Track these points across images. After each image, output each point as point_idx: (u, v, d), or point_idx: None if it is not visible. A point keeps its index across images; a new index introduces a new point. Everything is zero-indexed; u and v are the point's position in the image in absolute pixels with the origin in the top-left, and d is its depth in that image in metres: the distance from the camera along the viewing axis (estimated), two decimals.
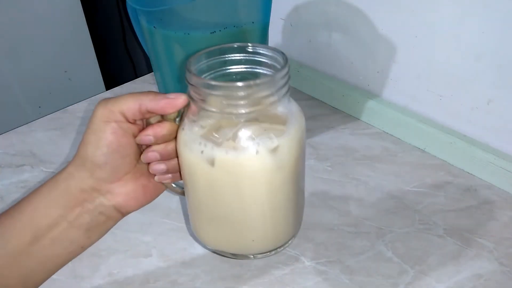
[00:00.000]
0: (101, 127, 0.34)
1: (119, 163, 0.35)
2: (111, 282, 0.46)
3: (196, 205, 0.38)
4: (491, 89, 0.55)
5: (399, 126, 0.65)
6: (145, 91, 0.35)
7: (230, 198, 0.35)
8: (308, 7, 0.70)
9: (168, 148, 0.36)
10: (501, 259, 0.48)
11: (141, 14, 0.50)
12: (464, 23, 0.54)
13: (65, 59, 1.08)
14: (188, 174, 0.36)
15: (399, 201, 0.55)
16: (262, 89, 0.31)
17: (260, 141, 0.33)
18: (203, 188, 0.36)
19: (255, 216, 0.36)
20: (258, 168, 0.33)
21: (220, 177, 0.34)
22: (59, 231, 0.35)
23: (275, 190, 0.35)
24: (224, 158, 0.32)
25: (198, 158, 0.33)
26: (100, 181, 0.35)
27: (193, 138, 0.33)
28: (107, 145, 0.34)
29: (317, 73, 0.74)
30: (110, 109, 0.34)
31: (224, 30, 0.48)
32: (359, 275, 0.46)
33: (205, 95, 0.32)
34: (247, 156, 0.32)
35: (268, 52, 0.34)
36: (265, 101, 0.31)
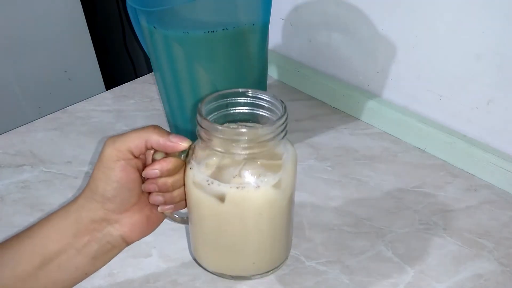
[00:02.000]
0: (110, 165, 0.37)
1: (127, 196, 0.38)
2: (111, 282, 0.46)
3: (200, 234, 0.41)
4: (491, 89, 0.55)
5: (399, 126, 0.65)
6: (150, 127, 0.37)
7: (235, 229, 0.39)
8: (308, 7, 0.70)
9: (167, 182, 0.38)
10: (501, 259, 0.48)
11: (141, 14, 0.50)
12: (464, 23, 0.54)
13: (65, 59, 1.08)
14: (196, 208, 0.39)
15: (399, 201, 0.55)
16: (264, 134, 0.35)
17: (264, 177, 0.37)
18: (209, 221, 0.39)
19: (257, 243, 0.40)
20: (263, 201, 0.37)
21: (228, 211, 0.37)
22: (67, 258, 0.38)
23: (275, 219, 0.40)
24: (233, 193, 0.36)
25: (208, 195, 0.37)
26: (110, 212, 0.38)
27: (202, 176, 0.37)
28: (117, 181, 0.37)
29: (317, 73, 0.74)
30: (118, 149, 0.37)
31: (224, 30, 0.48)
32: (359, 275, 0.46)
33: (213, 137, 0.35)
34: (254, 191, 0.36)
35: (268, 98, 0.38)
36: (266, 144, 0.36)
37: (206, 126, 0.35)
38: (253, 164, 0.37)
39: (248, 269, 0.42)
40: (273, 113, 0.38)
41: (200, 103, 0.37)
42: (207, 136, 0.36)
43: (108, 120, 0.71)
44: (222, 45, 0.50)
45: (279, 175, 0.37)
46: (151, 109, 0.73)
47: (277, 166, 0.38)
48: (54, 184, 0.59)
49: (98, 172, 0.37)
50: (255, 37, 0.51)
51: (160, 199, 0.39)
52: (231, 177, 0.37)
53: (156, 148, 0.37)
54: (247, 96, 0.39)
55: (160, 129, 0.37)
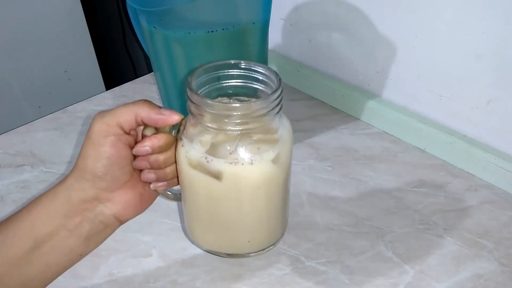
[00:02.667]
0: (100, 141, 0.35)
1: (118, 173, 0.37)
2: (111, 282, 0.46)
3: (194, 211, 0.40)
4: (491, 89, 0.55)
5: (399, 126, 0.65)
6: (140, 101, 0.36)
7: (231, 206, 0.38)
8: (308, 7, 0.70)
9: (159, 159, 0.37)
10: (501, 259, 0.48)
11: (141, 14, 0.50)
12: (464, 23, 0.54)
13: (65, 59, 1.08)
14: (189, 186, 0.38)
15: (399, 201, 0.55)
16: (259, 109, 0.33)
17: (262, 153, 0.35)
18: (204, 199, 0.38)
19: (252, 220, 0.39)
20: (262, 177, 0.36)
21: (225, 189, 0.36)
22: (59, 239, 0.36)
23: (273, 194, 0.38)
24: (231, 170, 0.35)
25: (203, 173, 0.35)
26: (101, 190, 0.37)
27: (196, 154, 0.35)
28: (107, 157, 0.35)
29: (317, 73, 0.74)
30: (107, 123, 0.35)
31: (224, 30, 0.48)
32: (359, 275, 0.46)
33: (205, 112, 0.34)
34: (251, 167, 0.35)
35: (262, 69, 0.37)
36: (261, 119, 0.34)
37: (197, 101, 0.34)
38: (248, 140, 0.35)
39: (243, 247, 0.41)
40: (267, 86, 0.36)
41: (190, 76, 0.35)
42: (198, 111, 0.34)
43: None
44: (222, 45, 0.50)
45: (276, 149, 0.36)
46: None
47: (273, 141, 0.36)
48: (54, 184, 0.59)
49: (87, 149, 0.36)
50: (255, 36, 0.51)
51: (152, 176, 0.38)
52: (227, 153, 0.35)
53: (147, 122, 0.36)
54: (240, 68, 0.37)
55: (150, 103, 0.36)
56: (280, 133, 0.37)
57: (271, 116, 0.35)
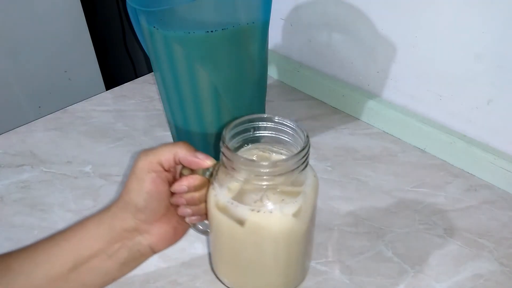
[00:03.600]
0: (143, 176, 0.39)
1: (156, 207, 0.40)
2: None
3: (219, 251, 0.43)
4: (491, 89, 0.55)
5: (399, 126, 0.65)
6: (180, 143, 0.40)
7: (251, 252, 0.40)
8: (308, 7, 0.70)
9: (194, 196, 0.40)
10: (501, 259, 0.48)
11: (141, 14, 0.50)
12: (464, 23, 0.54)
13: (65, 59, 1.08)
14: (216, 227, 0.40)
15: (399, 201, 0.55)
16: (284, 167, 0.36)
17: (284, 205, 0.37)
18: (227, 240, 0.40)
19: (272, 268, 0.41)
20: (281, 229, 0.38)
21: (246, 235, 0.38)
22: (98, 262, 0.39)
23: (291, 246, 0.40)
24: (253, 218, 0.37)
25: (228, 217, 0.38)
26: (140, 222, 0.40)
27: (223, 198, 0.38)
28: (148, 192, 0.39)
29: (317, 73, 0.74)
30: (150, 161, 0.38)
31: (224, 30, 0.48)
32: (359, 275, 0.46)
33: (234, 165, 0.36)
34: (272, 218, 0.37)
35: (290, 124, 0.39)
36: (287, 175, 0.36)
37: (228, 156, 0.36)
38: (273, 191, 0.38)
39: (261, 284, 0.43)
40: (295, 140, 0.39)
41: (225, 128, 0.38)
42: (229, 164, 0.37)
43: (108, 120, 0.71)
44: (222, 45, 0.50)
45: (298, 203, 0.38)
46: (151, 109, 0.73)
47: (297, 193, 0.38)
48: (54, 184, 0.59)
49: (132, 183, 0.39)
50: (255, 36, 0.51)
51: (188, 212, 0.41)
52: (252, 202, 0.37)
53: (183, 162, 0.39)
54: (273, 121, 0.40)
55: (189, 146, 0.39)
56: (305, 186, 0.39)
57: (297, 172, 0.37)
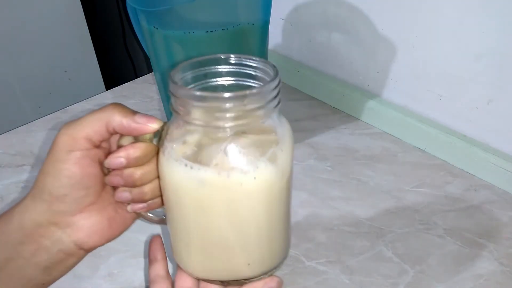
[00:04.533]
0: (62, 156, 0.30)
1: (81, 195, 0.31)
2: (111, 282, 0.46)
3: (183, 233, 0.34)
4: (491, 89, 0.55)
5: (399, 126, 0.65)
6: (109, 106, 0.31)
7: (224, 222, 0.32)
8: (308, 7, 0.70)
9: (135, 173, 0.31)
10: (501, 259, 0.48)
11: (141, 14, 0.50)
12: (464, 23, 0.54)
13: (65, 59, 1.08)
14: (174, 202, 0.32)
15: (399, 201, 0.55)
16: (254, 99, 0.28)
17: (256, 154, 0.29)
18: (193, 215, 0.32)
19: (252, 237, 0.33)
20: (259, 184, 0.30)
21: (214, 200, 0.31)
22: (16, 268, 0.32)
23: (273, 205, 0.33)
24: (217, 178, 0.29)
25: (189, 183, 0.30)
26: (58, 214, 0.31)
27: (178, 160, 0.30)
28: (69, 176, 0.30)
29: (317, 73, 0.74)
30: (73, 136, 0.30)
31: (224, 30, 0.48)
32: (359, 275, 0.46)
33: (190, 107, 0.29)
34: (244, 172, 0.29)
35: (257, 64, 0.32)
36: (254, 114, 0.29)
37: (182, 94, 0.29)
38: (241, 140, 0.30)
39: (242, 272, 0.35)
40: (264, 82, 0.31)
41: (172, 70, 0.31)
42: (183, 107, 0.29)
43: None
44: (222, 45, 0.50)
45: (274, 150, 0.30)
46: (151, 109, 0.73)
47: (270, 142, 0.31)
48: None
49: (48, 165, 0.31)
50: (255, 36, 0.51)
51: (126, 196, 0.32)
52: (216, 157, 0.29)
53: (120, 131, 0.30)
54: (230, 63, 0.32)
55: (123, 108, 0.31)
56: (280, 133, 0.32)
57: (268, 110, 0.29)
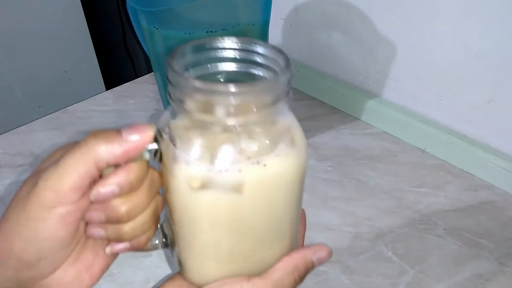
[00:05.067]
0: (41, 215, 0.23)
1: (59, 256, 0.25)
2: (111, 282, 0.46)
3: (208, 249, 0.30)
4: (491, 89, 0.55)
5: (399, 126, 0.65)
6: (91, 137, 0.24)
7: (260, 220, 0.29)
8: (308, 7, 0.70)
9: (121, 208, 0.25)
10: (501, 259, 0.48)
11: (141, 14, 0.50)
12: (464, 23, 0.54)
13: (65, 59, 1.08)
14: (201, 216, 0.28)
15: (399, 201, 0.55)
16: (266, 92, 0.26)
17: (277, 140, 0.27)
18: (227, 224, 0.28)
19: (286, 226, 0.31)
20: (292, 167, 0.28)
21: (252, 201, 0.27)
22: None
23: (300, 187, 0.31)
24: (255, 174, 0.26)
25: (218, 191, 0.26)
26: (28, 281, 0.25)
27: (201, 166, 0.25)
28: (47, 238, 0.24)
29: (317, 73, 0.74)
30: (55, 190, 0.23)
31: (224, 30, 0.48)
32: (359, 275, 0.46)
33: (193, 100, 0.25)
34: (276, 159, 0.27)
35: (266, 51, 0.29)
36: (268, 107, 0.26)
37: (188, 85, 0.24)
38: (256, 131, 0.27)
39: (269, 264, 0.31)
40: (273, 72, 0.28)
41: (171, 57, 0.27)
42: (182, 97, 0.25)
43: (108, 120, 0.71)
44: None
45: (290, 133, 0.29)
46: (151, 109, 0.73)
47: (285, 127, 0.29)
48: None
49: (17, 225, 0.24)
50: (255, 37, 0.51)
51: (100, 233, 0.25)
52: (239, 154, 0.26)
53: (114, 163, 0.24)
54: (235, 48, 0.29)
55: (104, 134, 0.24)
56: (290, 118, 0.30)
57: (280, 105, 0.27)
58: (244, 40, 0.28)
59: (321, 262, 0.30)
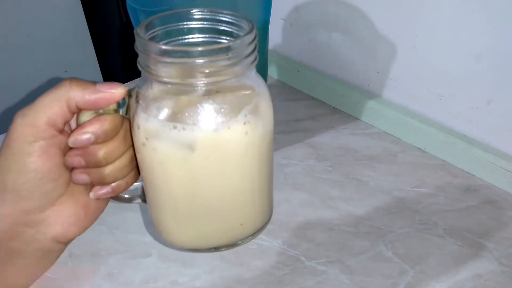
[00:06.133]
0: (25, 149, 0.26)
1: (50, 188, 0.28)
2: (111, 282, 0.46)
3: (169, 204, 0.32)
4: (491, 89, 0.55)
5: (399, 126, 0.65)
6: (66, 82, 0.27)
7: (216, 184, 0.30)
8: (308, 7, 0.70)
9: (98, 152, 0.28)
10: (501, 259, 0.48)
11: (141, 14, 0.50)
12: (464, 23, 0.54)
13: (65, 59, 1.08)
14: (155, 171, 0.30)
15: (399, 201, 0.55)
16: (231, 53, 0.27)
17: (241, 109, 0.28)
18: (180, 182, 0.30)
19: (245, 195, 0.32)
20: (248, 138, 0.28)
21: (203, 162, 0.28)
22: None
23: (264, 157, 0.31)
24: (208, 137, 0.27)
25: (172, 148, 0.27)
26: (27, 213, 0.28)
27: (158, 124, 0.27)
28: (35, 170, 0.27)
29: (317, 73, 0.74)
30: (33, 124, 0.26)
31: None
32: (359, 275, 0.46)
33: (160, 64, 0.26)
34: (232, 127, 0.27)
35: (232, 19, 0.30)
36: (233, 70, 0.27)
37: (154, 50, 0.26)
38: (219, 97, 0.28)
39: (235, 232, 0.33)
40: None
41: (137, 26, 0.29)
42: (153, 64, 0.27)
43: None
44: None
45: (255, 102, 0.29)
46: None
47: (251, 95, 0.29)
48: None
49: (7, 160, 0.27)
50: None
51: (84, 178, 0.29)
52: (196, 116, 0.27)
53: (83, 106, 0.27)
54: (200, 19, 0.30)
55: (80, 81, 0.28)
56: (257, 88, 0.30)
57: (245, 66, 0.27)
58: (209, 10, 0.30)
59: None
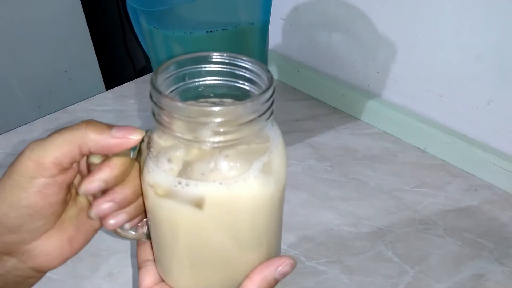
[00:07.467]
0: (23, 183, 0.26)
1: (38, 225, 0.27)
2: (111, 282, 0.46)
3: (172, 253, 0.31)
4: (491, 89, 0.55)
5: (399, 126, 0.65)
6: (82, 125, 0.27)
7: (223, 239, 0.29)
8: (308, 7, 0.70)
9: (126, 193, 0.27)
10: (501, 259, 0.48)
11: (141, 14, 0.50)
12: (464, 23, 0.54)
13: (65, 59, 1.08)
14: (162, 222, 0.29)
15: (399, 201, 0.55)
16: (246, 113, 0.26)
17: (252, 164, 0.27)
18: (185, 235, 0.29)
19: (252, 250, 0.31)
20: (257, 194, 0.27)
21: (211, 218, 0.27)
22: None
23: (273, 213, 0.30)
24: (216, 193, 0.26)
25: (179, 202, 0.27)
26: (11, 245, 0.28)
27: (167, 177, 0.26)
28: (27, 206, 0.26)
29: (317, 73, 0.74)
30: (38, 161, 0.25)
31: (224, 30, 0.48)
32: (359, 275, 0.46)
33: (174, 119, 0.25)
34: (242, 183, 0.26)
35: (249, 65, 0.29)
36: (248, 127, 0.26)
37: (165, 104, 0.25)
38: (231, 151, 0.27)
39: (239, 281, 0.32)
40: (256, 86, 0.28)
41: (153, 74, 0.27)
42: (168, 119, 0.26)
43: (108, 120, 0.71)
44: (222, 45, 0.50)
45: (267, 157, 0.28)
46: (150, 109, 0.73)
47: (263, 150, 0.28)
48: None
49: (3, 190, 0.26)
50: (255, 36, 0.51)
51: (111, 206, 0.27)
52: (207, 172, 0.26)
53: (97, 151, 0.27)
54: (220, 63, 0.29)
55: (96, 124, 0.27)
56: (272, 140, 0.28)
57: (261, 123, 0.26)
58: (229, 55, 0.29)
59: (284, 276, 0.31)
